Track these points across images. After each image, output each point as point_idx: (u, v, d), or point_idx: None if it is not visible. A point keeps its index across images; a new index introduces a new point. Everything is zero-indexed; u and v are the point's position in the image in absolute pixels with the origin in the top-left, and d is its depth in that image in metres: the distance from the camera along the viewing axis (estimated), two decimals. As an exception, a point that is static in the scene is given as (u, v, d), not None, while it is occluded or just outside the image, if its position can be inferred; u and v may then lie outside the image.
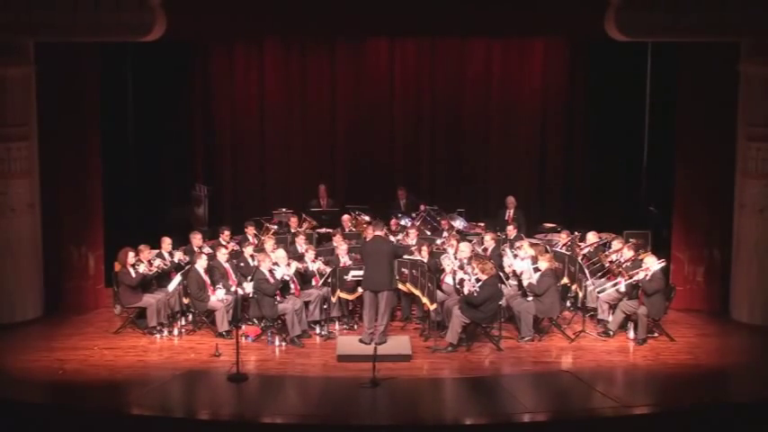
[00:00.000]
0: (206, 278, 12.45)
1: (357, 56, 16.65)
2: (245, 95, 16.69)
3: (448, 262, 12.72)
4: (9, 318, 12.78)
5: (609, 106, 16.12)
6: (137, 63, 15.38)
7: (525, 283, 12.39)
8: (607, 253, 13.19)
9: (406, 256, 12.72)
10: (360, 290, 12.38)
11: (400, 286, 12.55)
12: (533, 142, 16.75)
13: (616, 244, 13.22)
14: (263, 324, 12.36)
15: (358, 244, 13.48)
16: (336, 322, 12.77)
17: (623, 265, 12.51)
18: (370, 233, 12.79)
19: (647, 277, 11.96)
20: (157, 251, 12.99)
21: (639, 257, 12.49)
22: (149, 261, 12.63)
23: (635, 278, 12.06)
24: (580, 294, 12.89)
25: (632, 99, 15.70)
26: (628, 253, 12.74)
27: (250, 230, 14.17)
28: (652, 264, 12.04)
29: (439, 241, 14.06)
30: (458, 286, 12.16)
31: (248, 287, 12.27)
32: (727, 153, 13.14)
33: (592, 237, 13.67)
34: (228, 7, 12.88)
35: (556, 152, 16.75)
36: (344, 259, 12.96)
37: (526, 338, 12.21)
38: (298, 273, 12.66)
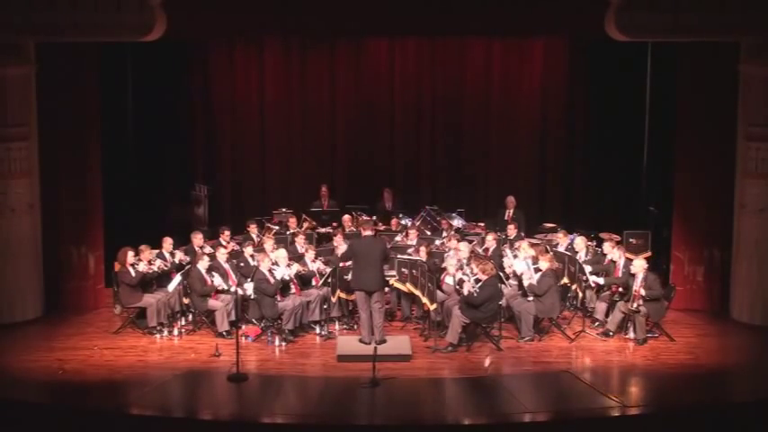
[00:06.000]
0: (207, 277, 12.44)
1: (357, 56, 16.64)
2: (245, 95, 16.68)
3: (452, 262, 12.71)
4: (9, 318, 12.78)
5: (609, 106, 16.11)
6: (137, 63, 15.38)
7: (526, 284, 12.38)
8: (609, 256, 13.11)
9: (405, 256, 12.74)
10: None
11: (400, 286, 12.57)
12: (533, 142, 16.74)
13: (608, 246, 13.15)
14: (263, 324, 12.36)
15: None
16: (336, 322, 12.77)
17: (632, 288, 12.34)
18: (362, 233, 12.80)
19: (644, 284, 11.94)
20: (158, 251, 12.99)
21: (628, 257, 12.57)
22: (149, 261, 12.63)
23: (638, 301, 11.97)
24: (580, 294, 12.91)
25: (632, 99, 15.69)
26: (616, 252, 12.75)
27: (252, 229, 14.18)
28: (639, 268, 12.02)
29: (439, 242, 14.06)
30: (457, 287, 12.16)
31: (248, 288, 12.27)
32: (727, 153, 13.15)
33: (580, 242, 13.56)
34: (228, 7, 12.88)
35: (556, 152, 16.74)
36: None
37: (526, 338, 12.22)
38: (298, 275, 12.65)
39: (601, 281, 12.66)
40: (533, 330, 12.29)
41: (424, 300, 12.05)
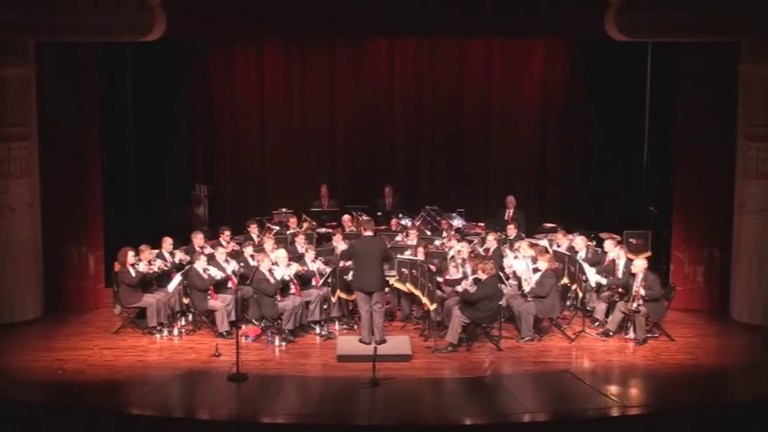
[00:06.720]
0: (206, 276, 12.43)
1: (357, 56, 16.63)
2: (245, 95, 16.68)
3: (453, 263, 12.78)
4: (9, 318, 12.79)
5: (609, 106, 16.11)
6: (137, 63, 15.38)
7: (526, 288, 12.35)
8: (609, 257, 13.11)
9: (405, 257, 12.74)
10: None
11: (400, 286, 12.57)
12: (533, 142, 16.73)
13: (609, 245, 13.16)
14: (263, 324, 12.36)
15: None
16: (336, 322, 12.77)
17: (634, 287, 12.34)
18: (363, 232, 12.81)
19: (644, 284, 11.94)
20: (158, 251, 12.99)
21: (629, 257, 12.61)
22: (149, 261, 12.63)
23: (638, 301, 11.96)
24: (580, 294, 12.91)
25: (632, 99, 15.69)
26: (619, 252, 12.76)
27: (252, 229, 14.18)
28: (639, 268, 12.02)
29: (439, 242, 14.05)
30: (452, 287, 12.22)
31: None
32: (727, 153, 13.14)
33: (580, 242, 13.56)
34: (228, 7, 12.88)
35: (556, 152, 16.73)
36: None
37: (526, 338, 12.22)
38: (297, 275, 12.65)
39: (603, 280, 12.64)
40: (533, 330, 12.28)
41: (424, 300, 12.05)
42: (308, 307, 12.52)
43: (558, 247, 13.56)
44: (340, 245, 13.44)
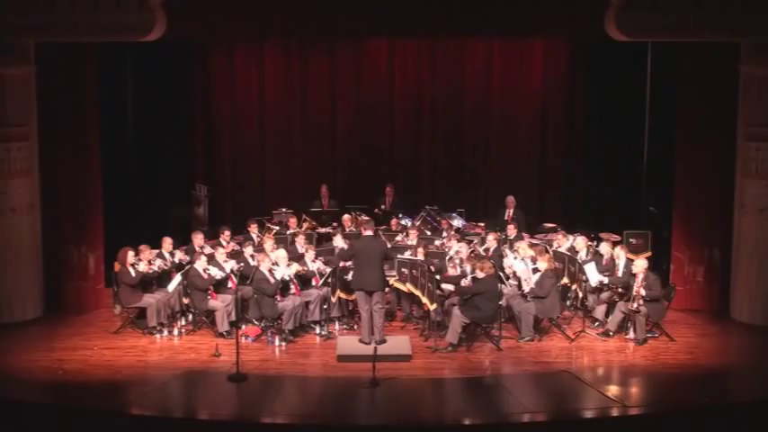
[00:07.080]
0: (206, 276, 12.43)
1: (357, 56, 16.65)
2: (245, 95, 16.69)
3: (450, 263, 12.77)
4: (9, 318, 12.78)
5: (609, 106, 16.11)
6: (137, 63, 15.38)
7: (526, 288, 12.35)
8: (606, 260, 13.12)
9: (405, 256, 12.74)
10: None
11: (400, 286, 12.58)
12: (533, 142, 16.75)
13: (605, 246, 13.15)
14: (263, 324, 12.36)
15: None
16: (336, 322, 12.77)
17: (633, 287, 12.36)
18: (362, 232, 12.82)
19: (644, 284, 11.93)
20: (158, 251, 13.00)
21: (629, 257, 12.62)
22: (149, 261, 12.63)
23: (638, 301, 11.96)
24: (580, 294, 12.91)
25: (632, 99, 15.69)
26: (619, 251, 12.77)
27: (253, 229, 14.18)
28: (640, 268, 12.02)
29: (439, 242, 14.05)
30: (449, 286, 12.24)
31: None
32: (727, 153, 13.14)
33: (581, 242, 13.56)
34: (228, 7, 12.89)
35: (556, 152, 16.75)
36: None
37: (526, 338, 12.22)
38: (297, 275, 12.65)
39: (605, 279, 12.63)
40: (533, 330, 12.29)
41: (424, 300, 12.05)
42: (308, 307, 12.52)
43: (559, 247, 13.56)
44: (338, 239, 13.52)
